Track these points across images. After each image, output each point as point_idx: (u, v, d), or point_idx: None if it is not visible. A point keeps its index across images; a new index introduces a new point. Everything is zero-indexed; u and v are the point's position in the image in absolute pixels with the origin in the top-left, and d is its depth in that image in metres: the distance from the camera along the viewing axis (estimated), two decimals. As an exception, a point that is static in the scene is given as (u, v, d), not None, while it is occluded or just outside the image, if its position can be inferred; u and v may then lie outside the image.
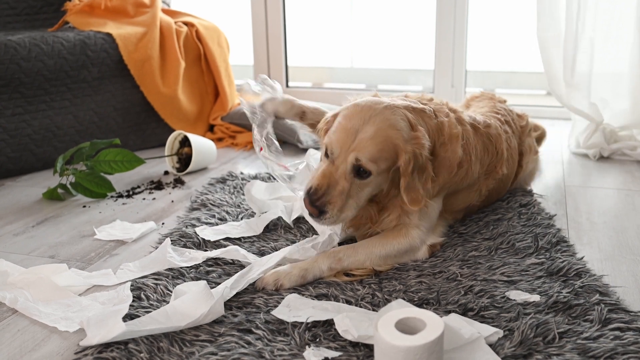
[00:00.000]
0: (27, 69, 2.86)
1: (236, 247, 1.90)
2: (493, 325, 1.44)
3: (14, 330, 1.55)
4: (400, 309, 1.30)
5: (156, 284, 1.69)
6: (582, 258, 1.83)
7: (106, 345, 1.40)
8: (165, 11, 3.64)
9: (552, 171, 2.84)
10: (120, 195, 2.62)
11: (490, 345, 1.35)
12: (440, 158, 1.82)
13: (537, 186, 2.59)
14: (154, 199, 2.58)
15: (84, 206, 2.50)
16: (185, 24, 3.54)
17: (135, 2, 3.46)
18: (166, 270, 1.80)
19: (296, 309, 1.54)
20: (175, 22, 3.48)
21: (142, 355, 1.37)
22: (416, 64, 4.47)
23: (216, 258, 1.86)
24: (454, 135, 1.84)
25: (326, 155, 1.71)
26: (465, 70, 4.05)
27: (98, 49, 3.09)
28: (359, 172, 1.66)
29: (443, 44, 3.98)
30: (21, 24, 3.56)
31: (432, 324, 1.23)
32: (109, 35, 3.16)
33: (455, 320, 1.41)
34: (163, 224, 2.28)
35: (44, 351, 1.46)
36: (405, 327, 1.25)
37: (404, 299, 1.59)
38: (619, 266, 1.83)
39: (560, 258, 1.79)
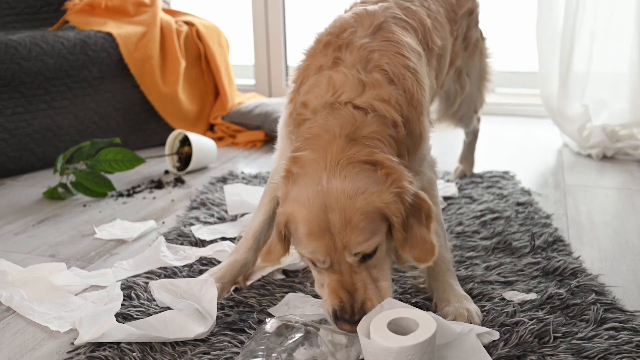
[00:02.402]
0: (27, 69, 2.86)
1: (227, 243, 1.91)
2: (491, 328, 1.42)
3: (14, 329, 1.56)
4: (391, 309, 1.29)
5: (147, 283, 1.69)
6: (578, 257, 1.83)
7: (99, 345, 1.41)
8: (165, 10, 3.65)
9: (552, 170, 2.85)
10: (121, 195, 2.62)
11: (484, 346, 1.34)
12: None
13: (537, 185, 2.59)
14: (154, 198, 2.58)
15: (84, 205, 2.50)
16: (186, 23, 3.54)
17: (136, 1, 3.46)
18: (159, 268, 1.80)
19: (295, 307, 1.54)
20: (176, 22, 3.49)
21: (134, 354, 1.37)
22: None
23: (210, 257, 1.87)
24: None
25: (313, 264, 1.36)
26: (465, 69, 4.04)
27: (98, 49, 3.10)
28: (366, 257, 1.33)
29: (443, 44, 3.98)
30: (21, 23, 3.56)
31: (425, 324, 1.22)
32: (109, 34, 3.17)
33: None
34: (163, 223, 2.28)
35: (45, 350, 1.46)
36: (398, 327, 1.24)
37: (400, 300, 1.58)
38: (619, 265, 1.83)
39: (556, 257, 1.79)
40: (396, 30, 1.57)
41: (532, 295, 1.57)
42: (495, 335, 1.39)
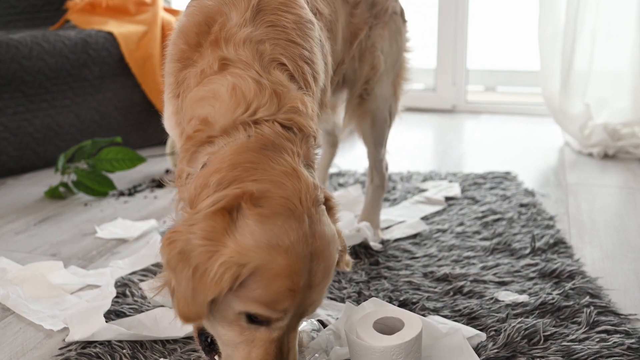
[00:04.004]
0: (28, 68, 2.87)
1: None
2: (479, 327, 1.43)
3: (16, 328, 1.56)
4: (375, 308, 1.28)
5: (142, 281, 1.70)
6: (577, 260, 1.82)
7: (89, 341, 1.42)
8: (166, 10, 3.65)
9: (553, 169, 2.84)
10: (122, 194, 2.63)
11: (473, 348, 1.33)
12: None
13: (538, 184, 2.59)
14: (155, 197, 2.58)
15: (86, 204, 2.51)
16: (187, 22, 3.54)
17: (137, 0, 3.47)
18: (155, 266, 1.81)
19: None
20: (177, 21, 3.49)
21: (124, 351, 1.38)
22: (418, 63, 4.48)
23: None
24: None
25: (252, 321, 1.05)
26: (466, 69, 4.06)
27: (99, 48, 3.10)
28: None
29: (444, 43, 4.00)
30: (22, 22, 3.57)
31: (410, 323, 1.21)
32: (110, 34, 3.17)
33: (436, 319, 1.41)
34: (165, 222, 2.28)
35: (46, 349, 1.46)
36: (384, 326, 1.23)
37: (390, 297, 1.58)
38: (620, 264, 1.83)
39: (555, 260, 1.78)
40: (278, 9, 1.29)
41: (524, 297, 1.57)
42: (483, 336, 1.39)
